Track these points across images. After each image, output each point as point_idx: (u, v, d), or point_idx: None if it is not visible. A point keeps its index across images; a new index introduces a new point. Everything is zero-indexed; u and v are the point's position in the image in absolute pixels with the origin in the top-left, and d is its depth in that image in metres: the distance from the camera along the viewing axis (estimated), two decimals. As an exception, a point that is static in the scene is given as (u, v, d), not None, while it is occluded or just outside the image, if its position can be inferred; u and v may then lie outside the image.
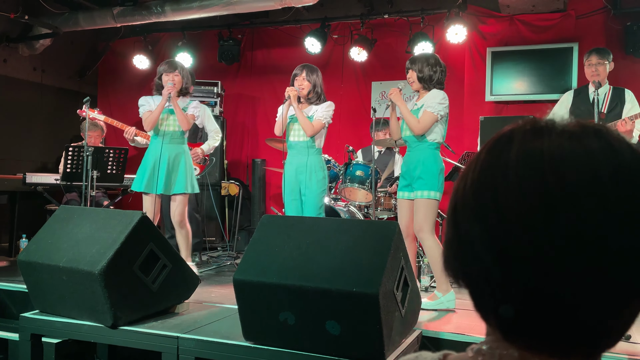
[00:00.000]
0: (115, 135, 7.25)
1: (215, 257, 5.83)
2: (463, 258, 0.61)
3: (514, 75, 5.77)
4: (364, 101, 6.70)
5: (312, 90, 4.08)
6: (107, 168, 4.89)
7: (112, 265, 2.69)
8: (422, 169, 3.70)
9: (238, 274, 2.54)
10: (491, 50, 5.85)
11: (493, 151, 0.61)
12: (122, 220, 2.89)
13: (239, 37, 7.02)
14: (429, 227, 3.62)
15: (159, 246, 2.95)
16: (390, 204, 5.21)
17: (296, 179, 4.05)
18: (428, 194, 3.64)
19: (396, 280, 2.45)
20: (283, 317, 2.42)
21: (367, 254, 2.39)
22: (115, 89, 7.51)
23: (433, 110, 3.61)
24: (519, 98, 5.80)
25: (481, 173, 0.60)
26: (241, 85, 7.24)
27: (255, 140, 7.21)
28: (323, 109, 4.07)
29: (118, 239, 2.77)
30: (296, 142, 4.08)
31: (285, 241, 2.59)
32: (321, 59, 6.61)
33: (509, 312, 0.57)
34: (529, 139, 0.59)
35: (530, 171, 0.56)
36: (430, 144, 3.68)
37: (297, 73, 4.11)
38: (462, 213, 0.61)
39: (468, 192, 0.60)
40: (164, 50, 7.23)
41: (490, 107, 5.94)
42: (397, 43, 6.41)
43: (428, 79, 3.68)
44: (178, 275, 3.05)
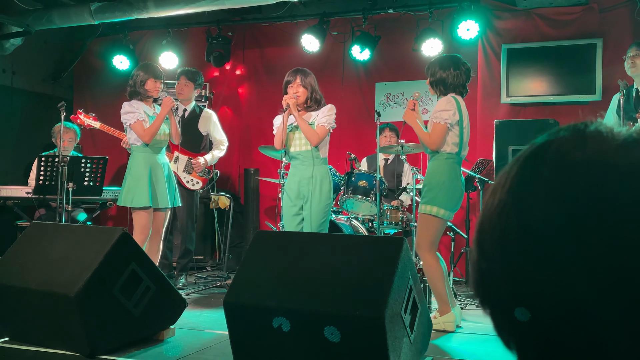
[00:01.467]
0: (93, 142, 7.26)
1: (203, 277, 5.82)
2: (484, 286, 0.59)
3: (532, 75, 5.79)
4: (367, 104, 6.72)
5: (309, 97, 4.09)
6: (84, 180, 4.89)
7: (90, 287, 2.68)
8: (426, 180, 3.74)
9: (229, 297, 2.53)
10: (506, 47, 5.88)
11: (526, 164, 0.57)
12: (101, 238, 2.88)
13: (229, 34, 7.05)
14: (427, 244, 3.64)
15: (141, 266, 2.95)
16: (397, 217, 5.21)
17: (298, 191, 4.05)
18: (425, 208, 3.67)
19: (404, 302, 2.44)
20: (279, 344, 2.41)
21: (371, 273, 2.39)
22: (92, 92, 7.53)
23: (438, 119, 3.63)
24: (537, 100, 5.82)
25: (510, 190, 0.57)
26: (232, 88, 7.27)
27: (247, 148, 7.22)
28: (324, 114, 4.08)
29: (96, 259, 2.76)
30: (298, 153, 4.08)
31: (281, 259, 2.59)
32: (319, 58, 6.64)
33: (530, 356, 0.55)
34: (568, 149, 0.55)
35: (564, 188, 0.52)
36: (439, 155, 3.70)
37: (290, 80, 4.12)
38: (486, 235, 0.58)
39: (494, 211, 0.57)
40: (147, 50, 7.26)
41: (505, 110, 5.95)
42: (403, 40, 6.44)
43: (441, 83, 3.70)
44: (163, 298, 3.04)
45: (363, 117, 6.72)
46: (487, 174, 5.68)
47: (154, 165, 4.32)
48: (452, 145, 3.68)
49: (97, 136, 7.07)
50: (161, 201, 4.33)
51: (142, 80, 4.36)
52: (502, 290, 0.56)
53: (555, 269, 0.52)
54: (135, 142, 4.35)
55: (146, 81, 4.36)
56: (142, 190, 4.23)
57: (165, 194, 4.35)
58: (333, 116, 4.11)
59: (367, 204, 5.08)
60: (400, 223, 5.23)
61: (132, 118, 4.29)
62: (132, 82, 4.41)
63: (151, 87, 4.35)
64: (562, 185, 0.53)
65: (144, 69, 4.42)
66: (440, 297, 3.67)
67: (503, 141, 5.52)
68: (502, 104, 5.93)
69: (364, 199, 5.01)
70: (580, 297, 0.51)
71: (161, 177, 4.34)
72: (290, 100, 4.01)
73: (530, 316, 0.54)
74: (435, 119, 3.65)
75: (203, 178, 5.31)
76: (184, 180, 5.23)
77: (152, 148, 4.35)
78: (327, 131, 4.07)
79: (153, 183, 4.29)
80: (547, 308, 0.53)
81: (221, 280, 5.47)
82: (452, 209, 3.68)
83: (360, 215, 5.26)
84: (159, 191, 4.32)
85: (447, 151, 3.68)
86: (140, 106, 4.36)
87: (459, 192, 3.70)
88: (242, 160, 7.25)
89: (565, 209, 0.52)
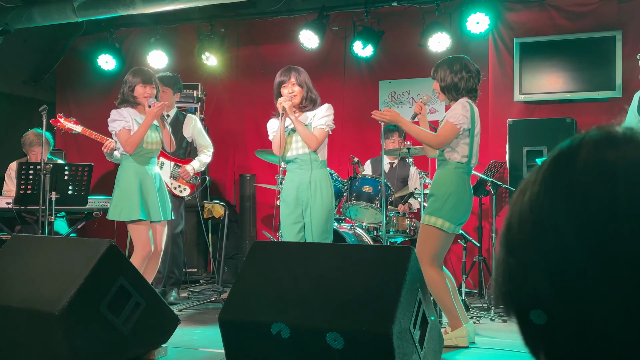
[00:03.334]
0: (77, 147, 7.27)
1: (197, 292, 5.81)
2: (514, 288, 0.60)
3: (547, 71, 5.80)
4: (370, 104, 6.73)
5: (305, 97, 4.09)
6: (68, 188, 4.90)
7: (75, 304, 2.68)
8: (432, 189, 3.74)
9: (225, 313, 2.53)
10: (519, 41, 5.89)
11: (557, 163, 0.60)
12: (87, 251, 2.88)
13: (222, 31, 7.07)
14: (428, 257, 3.63)
15: (130, 280, 2.94)
16: (404, 225, 5.21)
17: (297, 198, 4.04)
18: (428, 219, 3.66)
19: (413, 316, 2.44)
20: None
21: (377, 285, 2.38)
22: (76, 94, 7.55)
23: (455, 120, 3.62)
24: (553, 97, 5.82)
25: (541, 189, 0.59)
26: (225, 88, 7.27)
27: (243, 153, 7.22)
28: (322, 115, 4.07)
29: (82, 273, 2.76)
30: (296, 157, 4.08)
31: (280, 272, 2.58)
32: (319, 56, 6.65)
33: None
34: (601, 149, 0.57)
35: (599, 188, 0.55)
36: (448, 163, 3.70)
37: (284, 79, 4.10)
38: (516, 234, 0.60)
39: (525, 209, 0.60)
40: (134, 49, 7.27)
41: (519, 109, 5.96)
42: (408, 35, 6.45)
43: (453, 88, 3.70)
44: (154, 315, 3.04)
45: (366, 118, 6.69)
46: (500, 177, 5.67)
47: (143, 176, 4.31)
48: (462, 155, 3.68)
49: (81, 142, 7.08)
50: (153, 213, 4.32)
51: (131, 85, 4.34)
52: (533, 287, 0.57)
53: (579, 272, 0.54)
54: (124, 151, 4.35)
55: (135, 87, 4.34)
56: (131, 202, 4.22)
57: (157, 206, 4.34)
58: (331, 116, 4.10)
59: (372, 211, 5.08)
60: (407, 231, 5.22)
61: (117, 126, 4.28)
62: (122, 88, 4.41)
63: (140, 93, 4.33)
64: (593, 183, 0.55)
65: (133, 73, 4.41)
66: (449, 312, 3.66)
67: (517, 142, 5.53)
68: (515, 102, 5.93)
69: (368, 206, 5.01)
70: (603, 304, 0.52)
71: (152, 189, 4.32)
72: (286, 103, 3.99)
73: (546, 319, 0.55)
74: (451, 118, 3.64)
75: (191, 184, 5.34)
76: (170, 187, 5.24)
77: (142, 158, 4.34)
78: (327, 134, 4.07)
79: (144, 195, 4.28)
80: (565, 312, 0.54)
81: (216, 294, 5.47)
82: (457, 222, 3.68)
83: (365, 223, 5.26)
84: (151, 203, 4.31)
85: (456, 160, 3.68)
86: (130, 114, 4.34)
87: (466, 204, 3.70)
88: (238, 165, 7.25)
89: (600, 205, 0.54)
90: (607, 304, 0.53)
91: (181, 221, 5.46)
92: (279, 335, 2.40)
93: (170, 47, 6.92)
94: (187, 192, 5.36)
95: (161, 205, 4.37)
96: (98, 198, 5.33)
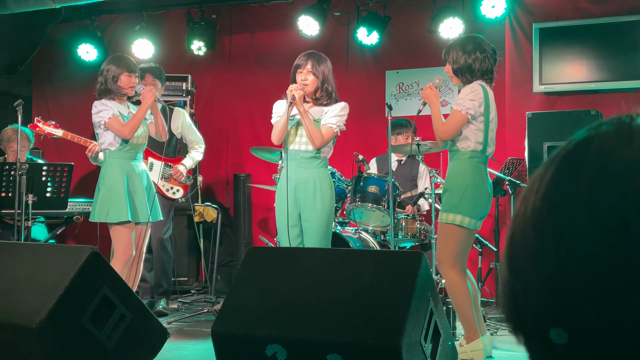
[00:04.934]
0: (56, 146, 7.28)
1: (188, 303, 5.82)
2: (516, 308, 0.59)
3: (569, 59, 5.79)
4: (376, 96, 6.73)
5: (320, 87, 4.07)
6: (47, 190, 4.90)
7: (55, 317, 2.68)
8: (447, 184, 3.74)
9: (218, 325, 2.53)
10: (539, 26, 5.88)
11: (563, 165, 0.58)
12: (67, 258, 2.89)
13: (213, 17, 7.07)
14: (449, 259, 3.64)
15: (115, 290, 2.95)
16: (414, 228, 5.22)
17: (295, 198, 4.05)
18: (447, 216, 3.66)
19: (424, 328, 2.44)
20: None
21: (385, 294, 2.38)
22: (54, 88, 7.55)
23: (460, 107, 3.63)
24: (576, 88, 5.82)
25: (545, 195, 0.57)
26: (218, 80, 7.28)
27: (237, 150, 7.23)
28: (335, 113, 4.07)
29: (61, 283, 2.77)
30: (296, 152, 4.08)
31: (278, 280, 2.59)
32: (320, 44, 6.64)
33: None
34: (613, 147, 0.55)
35: (610, 192, 0.53)
36: (461, 154, 3.70)
37: (300, 64, 4.09)
38: (517, 248, 0.59)
39: (528, 220, 0.58)
40: (117, 37, 7.28)
41: (539, 100, 5.96)
42: (417, 21, 6.45)
43: (467, 69, 3.70)
44: (140, 328, 3.04)
45: (371, 111, 6.73)
46: (518, 175, 5.68)
47: (130, 172, 4.32)
48: (476, 142, 3.68)
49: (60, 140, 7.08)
50: (141, 214, 4.33)
51: (115, 75, 4.34)
52: (537, 312, 0.56)
53: (599, 286, 0.52)
54: (109, 146, 4.34)
55: (119, 76, 4.34)
56: (118, 201, 4.22)
57: (145, 206, 4.35)
58: (344, 117, 4.11)
59: (379, 213, 5.08)
60: (417, 235, 5.23)
61: (106, 114, 4.28)
62: (101, 78, 4.38)
63: (125, 83, 4.34)
64: (605, 190, 0.53)
65: (116, 62, 4.40)
66: (467, 322, 3.66)
67: (537, 137, 5.52)
68: (535, 94, 5.93)
69: (374, 208, 5.01)
70: (628, 318, 0.51)
71: (139, 187, 4.33)
72: (297, 92, 3.97)
73: (568, 338, 0.54)
74: (457, 105, 3.65)
75: (184, 185, 5.34)
76: (163, 189, 5.25)
77: (128, 153, 4.35)
78: (334, 134, 4.07)
79: (131, 193, 4.29)
80: (588, 329, 0.53)
81: (208, 305, 5.47)
82: (478, 216, 3.68)
83: (371, 227, 5.26)
84: (138, 203, 4.32)
85: (470, 149, 3.67)
86: (113, 105, 4.35)
87: (486, 196, 3.69)
88: (231, 164, 7.26)
89: (610, 218, 0.52)
90: (637, 321, 0.52)
91: (171, 226, 5.46)
92: (274, 357, 2.40)
93: (156, 36, 6.93)
94: (180, 194, 5.36)
95: (149, 205, 4.38)
96: (79, 201, 5.33)
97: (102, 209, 4.26)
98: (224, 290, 6.14)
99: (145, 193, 4.38)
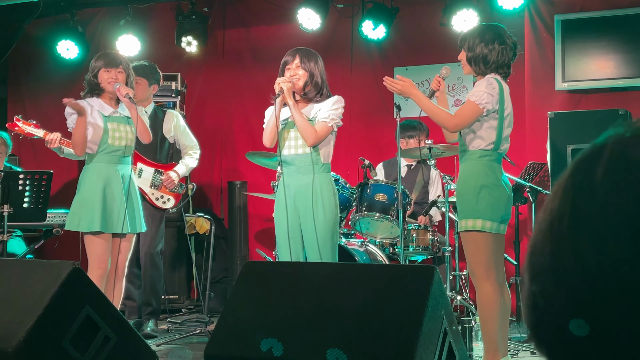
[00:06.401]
0: (34, 151, 7.28)
1: (179, 323, 5.81)
2: (536, 318, 0.62)
3: (595, 53, 5.79)
4: (383, 96, 6.73)
5: (309, 82, 4.10)
6: (24, 201, 4.90)
7: (33, 339, 2.68)
8: (459, 189, 3.74)
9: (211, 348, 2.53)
10: (561, 18, 5.89)
11: (578, 168, 0.60)
12: (46, 275, 2.89)
13: (205, 10, 7.09)
14: (482, 269, 3.63)
15: (98, 310, 2.95)
16: (426, 240, 5.21)
17: (295, 208, 4.05)
18: (465, 224, 3.66)
19: (437, 350, 2.44)
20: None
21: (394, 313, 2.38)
22: (32, 88, 7.56)
23: (477, 99, 3.63)
24: (602, 85, 5.82)
25: (561, 199, 0.60)
26: (210, 79, 7.29)
27: (231, 155, 7.23)
28: (328, 107, 4.09)
29: (41, 302, 2.77)
30: (294, 157, 4.09)
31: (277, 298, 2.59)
32: (321, 39, 6.66)
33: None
34: (627, 146, 0.58)
35: (622, 190, 0.56)
36: (471, 153, 3.71)
37: (288, 60, 4.14)
38: (537, 256, 0.62)
39: (546, 226, 0.61)
40: (100, 33, 7.30)
41: (562, 99, 5.96)
42: (428, 13, 6.46)
43: (482, 59, 3.71)
44: (126, 351, 3.04)
45: (379, 112, 6.74)
46: (540, 181, 5.67)
47: (109, 179, 4.30)
48: (488, 140, 3.68)
49: (38, 145, 7.09)
50: (117, 224, 4.30)
51: (94, 71, 4.40)
52: (557, 314, 0.59)
53: (626, 282, 0.55)
54: (88, 150, 4.36)
55: (97, 72, 4.38)
56: (91, 209, 4.22)
57: (123, 216, 4.32)
58: (340, 110, 4.11)
59: (387, 224, 5.07)
60: (429, 247, 5.22)
61: (72, 122, 4.33)
62: (87, 75, 4.46)
63: (103, 79, 4.36)
64: (623, 193, 0.56)
65: (97, 57, 4.46)
66: (490, 340, 3.65)
67: (559, 139, 5.52)
68: (557, 92, 5.93)
69: (382, 217, 5.01)
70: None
71: (118, 194, 4.31)
72: (284, 84, 4.00)
73: (589, 329, 0.56)
74: (473, 97, 3.64)
75: (175, 194, 5.33)
76: (152, 198, 5.24)
77: (109, 156, 4.34)
78: (330, 129, 4.06)
79: (108, 201, 4.27)
80: (611, 319, 0.56)
81: (201, 326, 5.47)
82: (499, 219, 3.65)
83: (379, 238, 5.26)
84: (115, 212, 4.29)
85: (480, 147, 3.68)
86: (94, 102, 4.38)
87: (503, 196, 3.68)
88: (225, 170, 7.26)
89: (630, 222, 0.54)
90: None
91: (162, 239, 5.45)
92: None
93: (143, 31, 6.94)
94: (172, 203, 5.34)
95: (129, 215, 4.34)
96: (59, 212, 5.34)
97: (74, 216, 4.28)
98: (218, 309, 6.14)
99: (125, 200, 4.34)
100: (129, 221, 4.36)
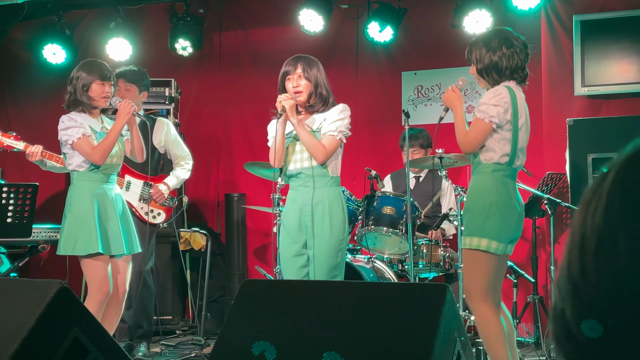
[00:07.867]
0: (17, 163, 7.30)
1: (173, 345, 5.81)
2: (556, 332, 0.65)
3: (617, 56, 5.80)
4: (391, 102, 6.75)
5: (314, 92, 4.09)
6: (7, 215, 4.91)
7: (17, 363, 2.68)
8: (468, 203, 3.75)
9: (209, 372, 2.52)
10: (580, 19, 5.90)
11: (618, 174, 0.64)
12: (32, 295, 2.89)
13: (200, 12, 7.12)
14: (479, 291, 3.63)
15: (87, 332, 2.95)
16: (437, 256, 5.21)
17: (300, 223, 4.05)
18: (470, 241, 3.66)
19: (450, 373, 2.43)
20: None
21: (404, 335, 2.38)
22: (15, 95, 7.59)
23: (483, 115, 3.64)
24: (625, 90, 5.82)
25: (582, 209, 0.63)
26: (206, 85, 7.31)
27: (228, 166, 7.24)
28: (334, 118, 4.08)
29: (26, 324, 2.77)
30: (300, 171, 4.08)
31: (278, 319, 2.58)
32: (325, 42, 6.68)
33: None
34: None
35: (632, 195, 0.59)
36: (483, 167, 3.70)
37: (289, 70, 4.11)
38: (564, 267, 0.65)
39: (589, 229, 0.63)
40: (89, 36, 7.32)
41: (581, 105, 5.96)
42: (438, 13, 6.48)
43: (493, 68, 3.71)
44: (117, 377, 3.04)
45: (386, 119, 6.75)
46: (559, 192, 5.67)
47: (102, 197, 4.30)
48: (501, 153, 3.67)
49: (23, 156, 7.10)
50: (115, 246, 4.31)
51: (85, 84, 4.33)
52: (570, 325, 0.61)
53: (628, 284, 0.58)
54: (78, 168, 4.33)
55: (90, 85, 4.33)
56: (88, 231, 4.20)
57: (119, 237, 4.32)
58: (347, 120, 4.10)
59: (395, 239, 5.08)
60: (441, 264, 5.22)
61: (75, 133, 4.25)
62: (70, 87, 4.35)
63: (97, 93, 4.33)
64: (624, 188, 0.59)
65: (86, 68, 4.38)
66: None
67: (579, 147, 5.52)
68: (577, 97, 5.94)
69: (390, 232, 5.01)
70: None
71: (112, 215, 4.31)
72: (287, 102, 3.98)
73: (602, 331, 0.58)
74: (479, 113, 3.65)
75: (166, 207, 5.33)
76: (141, 213, 5.24)
77: (100, 175, 4.33)
78: (339, 142, 4.06)
79: (102, 221, 4.27)
80: (625, 320, 0.58)
81: (197, 348, 5.47)
82: (507, 239, 3.66)
83: (386, 254, 5.25)
84: (111, 233, 4.30)
85: (494, 161, 3.67)
86: (84, 119, 4.34)
87: (514, 215, 3.67)
88: (222, 182, 7.27)
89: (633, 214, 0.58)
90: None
91: (152, 256, 5.45)
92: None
93: (135, 34, 6.96)
94: (162, 218, 5.35)
95: (125, 236, 4.35)
96: (45, 227, 5.33)
97: (68, 239, 4.24)
98: (215, 330, 6.13)
99: (120, 221, 4.34)
100: (126, 242, 4.37)
